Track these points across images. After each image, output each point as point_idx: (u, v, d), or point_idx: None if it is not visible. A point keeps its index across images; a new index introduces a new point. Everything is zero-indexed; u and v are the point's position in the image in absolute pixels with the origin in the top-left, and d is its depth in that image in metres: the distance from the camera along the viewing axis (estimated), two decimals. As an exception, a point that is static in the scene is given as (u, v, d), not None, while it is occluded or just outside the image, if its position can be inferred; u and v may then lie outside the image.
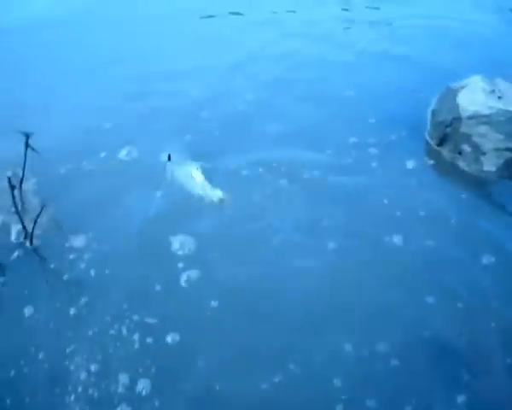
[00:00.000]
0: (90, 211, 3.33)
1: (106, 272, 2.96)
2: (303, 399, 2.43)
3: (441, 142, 3.90)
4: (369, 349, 2.59)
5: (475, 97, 3.80)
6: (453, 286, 2.88)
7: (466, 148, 3.74)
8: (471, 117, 3.73)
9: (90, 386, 2.45)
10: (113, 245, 3.12)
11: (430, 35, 5.51)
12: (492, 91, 3.80)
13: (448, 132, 3.85)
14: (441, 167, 3.77)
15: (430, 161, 3.80)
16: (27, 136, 3.31)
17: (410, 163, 3.73)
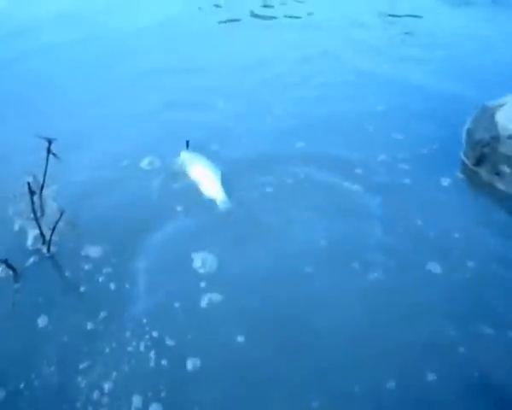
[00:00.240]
0: (109, 220, 3.24)
1: (126, 286, 2.83)
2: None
3: (478, 162, 3.71)
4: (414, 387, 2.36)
5: (515, 116, 3.62)
6: (500, 312, 2.67)
7: (505, 168, 3.55)
8: (511, 136, 3.53)
9: (100, 406, 2.29)
10: (132, 258, 3.00)
11: (466, 53, 5.39)
12: (533, 110, 3.62)
13: (485, 152, 3.67)
14: (478, 188, 3.60)
15: (466, 182, 3.63)
16: (50, 142, 3.25)
17: (446, 183, 3.56)
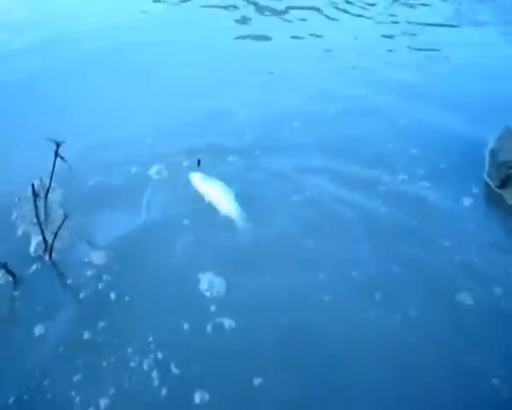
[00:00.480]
0: (113, 227, 3.13)
1: (126, 299, 2.69)
2: None
3: (503, 183, 3.56)
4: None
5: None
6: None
7: (531, 192, 3.38)
8: (538, 159, 3.39)
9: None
10: (136, 270, 2.87)
11: (486, 74, 5.23)
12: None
13: (511, 174, 3.49)
14: (504, 212, 3.42)
15: (491, 204, 3.47)
16: (58, 145, 3.16)
17: (469, 204, 3.39)
